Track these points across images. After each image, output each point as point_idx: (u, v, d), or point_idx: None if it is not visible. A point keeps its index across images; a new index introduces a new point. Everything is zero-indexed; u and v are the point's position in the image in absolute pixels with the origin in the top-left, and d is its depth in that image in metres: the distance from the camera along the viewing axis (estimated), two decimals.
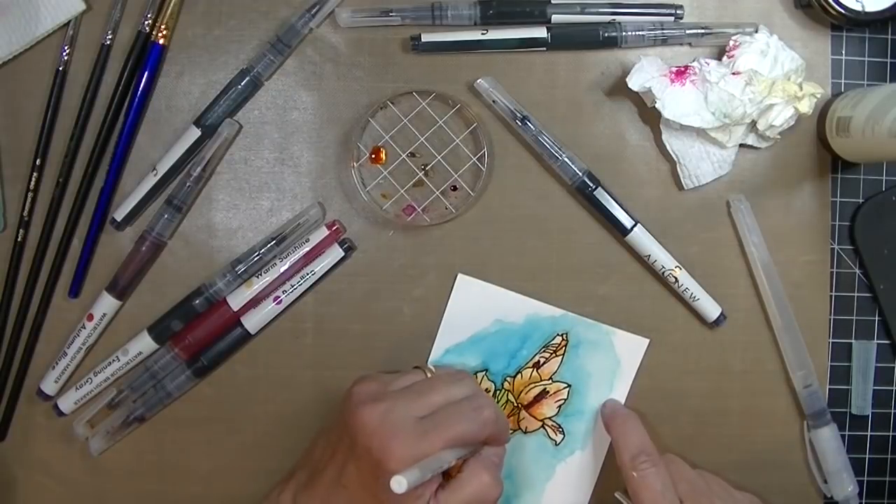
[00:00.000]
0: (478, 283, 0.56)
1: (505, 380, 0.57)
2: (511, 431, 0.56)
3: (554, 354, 0.56)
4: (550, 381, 0.57)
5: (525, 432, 0.57)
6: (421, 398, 0.48)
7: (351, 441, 0.47)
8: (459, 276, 0.56)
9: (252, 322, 0.55)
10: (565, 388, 0.57)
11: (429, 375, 0.52)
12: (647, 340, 0.56)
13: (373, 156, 0.56)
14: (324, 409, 0.56)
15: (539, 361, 0.57)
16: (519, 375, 0.57)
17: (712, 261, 0.57)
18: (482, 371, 0.56)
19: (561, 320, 0.56)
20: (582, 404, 0.57)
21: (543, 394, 0.57)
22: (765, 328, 0.57)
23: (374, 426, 0.46)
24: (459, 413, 0.47)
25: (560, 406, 0.57)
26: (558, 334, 0.56)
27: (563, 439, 0.57)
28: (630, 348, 0.56)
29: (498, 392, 0.57)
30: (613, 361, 0.57)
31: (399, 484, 0.41)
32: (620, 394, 0.56)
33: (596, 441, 0.57)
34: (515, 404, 0.57)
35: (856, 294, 0.58)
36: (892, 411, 0.58)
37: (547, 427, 0.57)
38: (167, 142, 0.55)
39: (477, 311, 0.56)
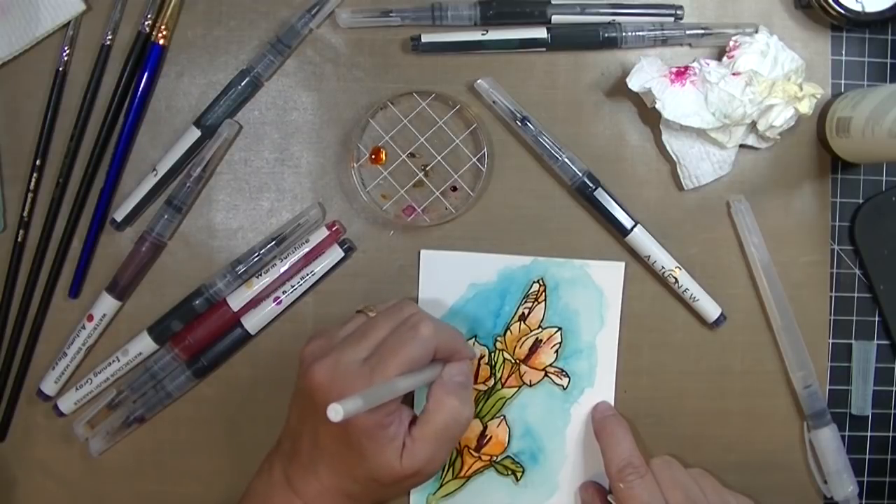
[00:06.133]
0: (442, 253, 0.56)
1: (496, 340, 0.56)
2: (517, 388, 0.56)
3: (536, 302, 0.56)
4: (541, 329, 0.56)
5: (531, 385, 0.56)
6: (364, 339, 0.48)
7: (312, 402, 0.47)
8: (423, 251, 0.56)
9: (252, 322, 0.55)
10: (557, 331, 0.56)
11: (371, 315, 0.51)
12: (623, 263, 0.56)
13: (373, 156, 0.56)
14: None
15: (523, 313, 0.56)
16: (508, 332, 0.56)
17: (712, 261, 0.57)
18: (471, 338, 0.56)
19: (533, 267, 0.56)
20: (578, 343, 0.56)
21: (537, 343, 0.56)
22: (765, 329, 0.57)
23: (326, 382, 0.46)
24: (398, 339, 0.47)
25: (557, 350, 0.56)
26: (534, 281, 0.56)
27: (569, 382, 0.56)
28: (608, 276, 0.56)
29: (492, 353, 0.56)
30: (596, 293, 0.56)
31: (335, 412, 0.39)
32: (612, 323, 0.56)
33: (602, 373, 0.56)
34: (513, 361, 0.56)
35: (856, 294, 0.58)
36: (892, 412, 0.58)
37: (550, 374, 0.56)
38: (167, 142, 0.55)
39: (449, 281, 0.56)
